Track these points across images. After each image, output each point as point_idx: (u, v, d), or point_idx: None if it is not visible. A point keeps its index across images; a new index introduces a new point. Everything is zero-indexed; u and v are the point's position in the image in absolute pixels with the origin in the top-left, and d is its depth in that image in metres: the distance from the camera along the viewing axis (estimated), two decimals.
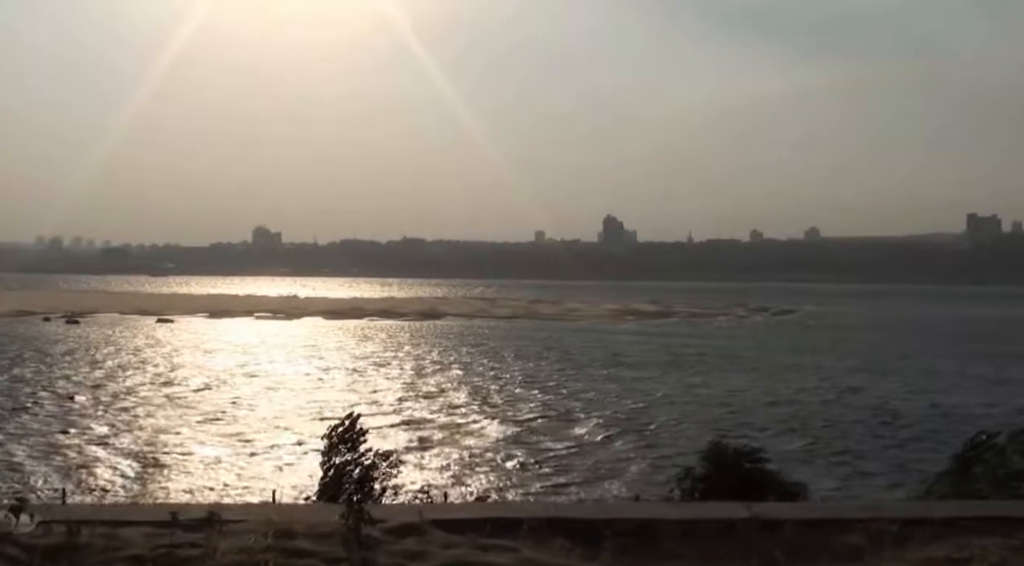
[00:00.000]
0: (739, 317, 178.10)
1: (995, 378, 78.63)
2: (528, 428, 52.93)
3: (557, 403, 62.26)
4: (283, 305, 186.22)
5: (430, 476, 38.52)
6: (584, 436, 50.74)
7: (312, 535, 9.00)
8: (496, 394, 65.89)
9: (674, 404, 62.47)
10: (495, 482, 39.89)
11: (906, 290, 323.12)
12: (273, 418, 54.91)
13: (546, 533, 9.33)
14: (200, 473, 40.97)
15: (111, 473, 40.39)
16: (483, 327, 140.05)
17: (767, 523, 9.91)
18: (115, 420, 53.40)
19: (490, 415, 57.02)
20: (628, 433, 51.62)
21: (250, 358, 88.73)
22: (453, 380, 73.70)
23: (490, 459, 44.72)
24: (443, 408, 59.63)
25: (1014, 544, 9.57)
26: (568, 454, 46.11)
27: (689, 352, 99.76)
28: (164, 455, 44.18)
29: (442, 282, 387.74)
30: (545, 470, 42.63)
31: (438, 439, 49.28)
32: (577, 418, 56.26)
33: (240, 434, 49.88)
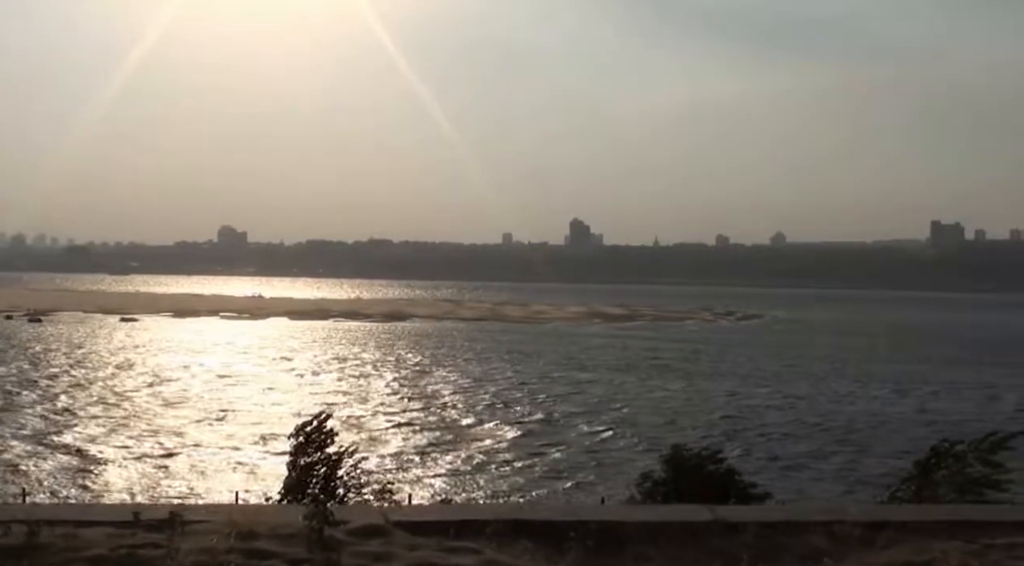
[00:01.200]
0: (705, 321, 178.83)
1: (959, 384, 79.33)
2: (493, 431, 52.96)
3: (520, 406, 62.32)
4: (248, 305, 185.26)
5: (395, 477, 38.41)
6: (548, 439, 50.79)
7: (275, 536, 8.93)
8: (460, 397, 65.87)
9: (637, 408, 62.61)
10: (460, 484, 39.90)
11: (870, 296, 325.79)
12: (236, 418, 54.65)
13: (511, 535, 9.31)
14: (163, 472, 40.69)
15: (69, 472, 40.04)
16: (449, 329, 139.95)
17: (730, 526, 9.93)
18: (76, 419, 52.96)
19: (455, 418, 57.01)
20: (591, 436, 51.70)
21: (214, 358, 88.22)
22: (417, 382, 73.60)
23: (455, 461, 44.72)
24: (407, 410, 59.56)
25: (975, 548, 9.63)
26: (532, 456, 46.15)
27: (654, 356, 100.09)
28: (126, 454, 43.84)
29: (409, 283, 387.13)
30: (509, 472, 42.67)
31: (404, 441, 49.22)
32: (541, 419, 56.32)
33: (204, 433, 49.62)
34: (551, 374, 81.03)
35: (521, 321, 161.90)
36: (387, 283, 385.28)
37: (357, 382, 73.15)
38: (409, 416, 57.27)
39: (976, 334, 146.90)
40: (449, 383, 73.01)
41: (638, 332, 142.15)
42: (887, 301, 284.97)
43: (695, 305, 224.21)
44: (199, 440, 48.07)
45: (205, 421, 53.72)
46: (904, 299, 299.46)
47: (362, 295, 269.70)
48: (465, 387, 70.82)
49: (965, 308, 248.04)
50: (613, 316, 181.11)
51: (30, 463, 42.17)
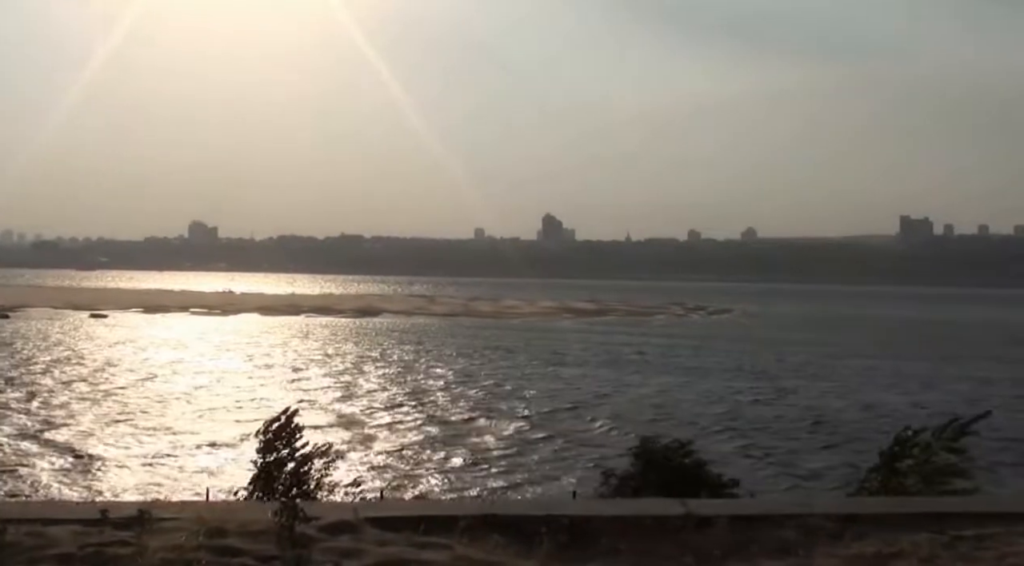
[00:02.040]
0: (676, 316, 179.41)
1: (928, 378, 79.91)
2: (463, 426, 52.92)
3: (491, 401, 62.28)
4: (219, 301, 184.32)
5: (366, 473, 38.32)
6: (519, 434, 50.79)
7: (244, 533, 8.88)
8: (431, 392, 65.81)
9: (607, 402, 62.72)
10: (431, 479, 39.83)
11: (840, 291, 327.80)
12: (207, 414, 54.34)
13: (482, 530, 9.30)
14: (132, 470, 40.42)
15: (36, 470, 39.71)
16: (420, 325, 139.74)
17: (701, 519, 9.96)
18: (43, 415, 52.51)
19: (425, 413, 56.90)
20: (563, 431, 51.73)
21: (184, 354, 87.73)
22: (388, 377, 73.45)
23: (427, 457, 44.63)
24: (378, 405, 59.41)
25: (944, 540, 9.70)
26: (504, 452, 46.14)
27: (624, 351, 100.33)
28: (94, 451, 43.51)
29: (380, 279, 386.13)
30: (481, 467, 42.64)
31: (374, 436, 49.09)
32: (511, 415, 56.29)
33: (173, 430, 49.29)
34: (522, 369, 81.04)
35: (492, 317, 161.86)
36: (358, 279, 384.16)
37: (328, 378, 72.87)
38: (380, 412, 57.12)
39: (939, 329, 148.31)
40: (420, 379, 72.88)
41: (609, 327, 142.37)
42: (856, 296, 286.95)
43: (666, 300, 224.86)
44: (169, 437, 47.75)
45: (174, 417, 53.37)
46: (873, 294, 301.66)
47: (333, 291, 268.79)
48: (436, 383, 70.71)
49: (933, 302, 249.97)
50: (584, 311, 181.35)
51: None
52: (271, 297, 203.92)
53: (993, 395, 68.05)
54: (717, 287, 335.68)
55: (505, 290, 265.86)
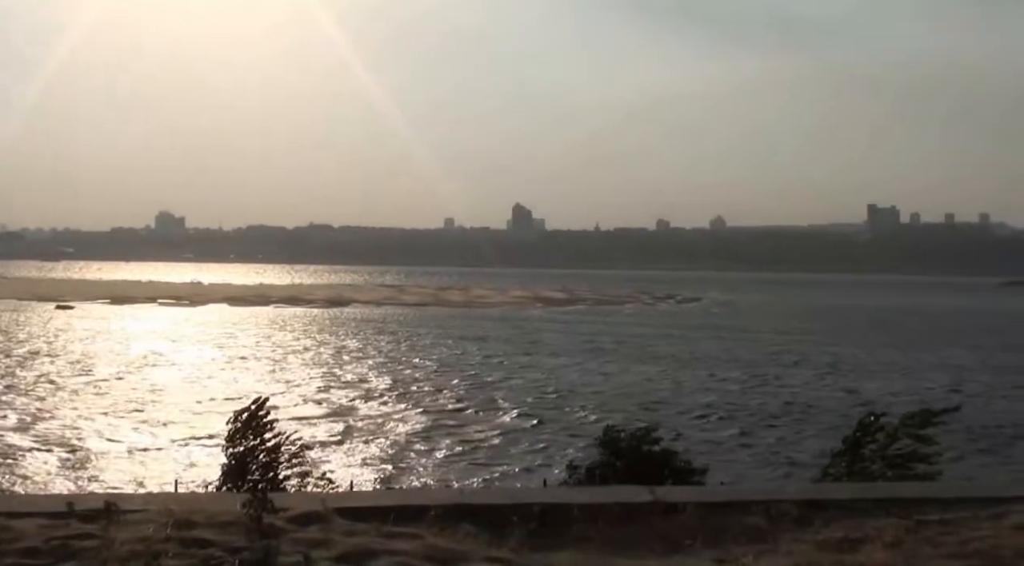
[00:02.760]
0: (646, 304, 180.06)
1: (895, 365, 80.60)
2: (434, 416, 52.86)
3: (463, 390, 62.30)
4: (187, 291, 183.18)
5: (337, 463, 38.27)
6: (490, 424, 50.84)
7: (212, 524, 8.84)
8: (402, 383, 65.69)
9: (578, 391, 62.86)
10: (402, 470, 39.83)
11: (809, 279, 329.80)
12: (177, 405, 54.02)
13: (452, 519, 9.31)
14: (100, 463, 40.15)
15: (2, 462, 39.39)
16: (390, 314, 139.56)
17: (669, 506, 10.02)
18: (6, 407, 52.08)
19: (397, 404, 56.84)
20: (535, 419, 51.82)
21: (153, 345, 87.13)
22: (359, 368, 73.29)
23: (398, 447, 44.61)
24: (349, 396, 59.29)
25: (909, 525, 9.79)
26: (475, 442, 46.16)
27: (592, 339, 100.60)
28: (62, 443, 43.20)
29: (350, 269, 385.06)
30: (451, 456, 42.66)
31: (345, 427, 48.98)
32: (484, 405, 56.33)
33: (143, 421, 49.01)
34: (492, 358, 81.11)
35: (463, 306, 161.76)
36: (328, 269, 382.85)
37: (299, 368, 72.67)
38: (352, 403, 57.01)
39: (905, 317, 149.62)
40: (391, 370, 72.77)
41: (579, 316, 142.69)
42: (823, 284, 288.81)
43: (635, 289, 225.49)
44: (138, 428, 47.49)
45: (143, 408, 53.06)
46: (840, 282, 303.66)
47: (303, 281, 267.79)
48: (407, 373, 70.62)
49: (900, 290, 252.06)
50: (554, 300, 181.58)
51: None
52: (239, 287, 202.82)
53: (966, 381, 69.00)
54: (686, 276, 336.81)
55: (475, 279, 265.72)
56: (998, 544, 9.20)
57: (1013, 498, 10.86)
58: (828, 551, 9.06)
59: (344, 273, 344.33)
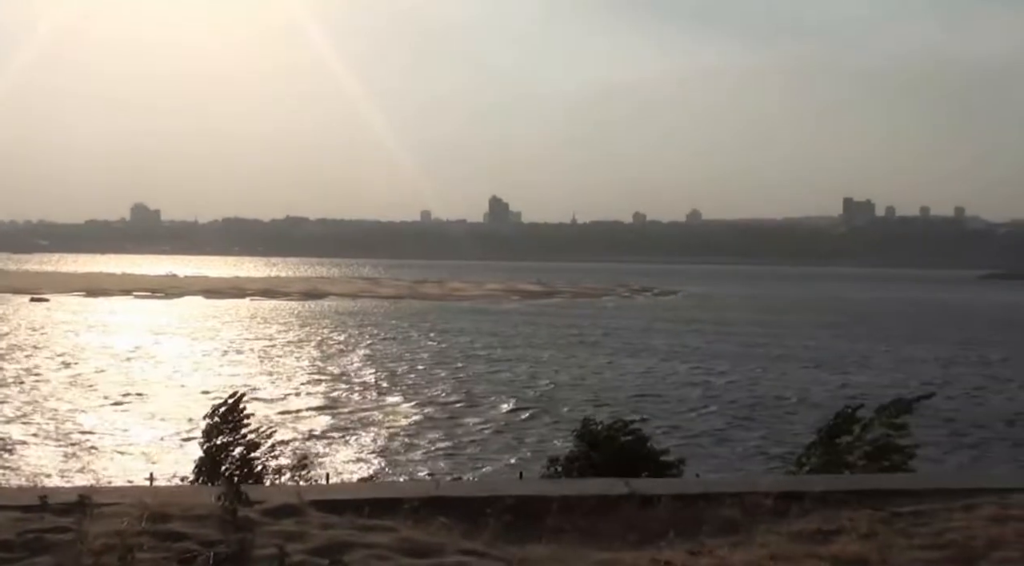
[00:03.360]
0: (622, 297, 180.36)
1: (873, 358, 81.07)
2: (412, 409, 52.85)
3: (441, 384, 62.29)
4: (162, 284, 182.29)
5: (314, 457, 38.10)
6: (470, 417, 50.84)
7: (187, 518, 8.82)
8: (379, 376, 65.61)
9: (557, 384, 62.92)
10: (380, 463, 39.80)
11: (783, 272, 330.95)
12: (154, 398, 53.80)
13: (427, 512, 9.31)
14: (75, 455, 39.95)
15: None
16: (367, 307, 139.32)
17: (645, 498, 10.05)
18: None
19: (375, 397, 56.79)
20: (513, 413, 51.88)
21: (129, 337, 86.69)
22: (337, 362, 73.17)
23: (376, 440, 44.59)
24: (326, 389, 59.21)
25: (883, 516, 9.87)
26: (452, 434, 46.16)
27: (571, 332, 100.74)
28: (36, 436, 42.96)
29: (326, 261, 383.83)
30: (429, 450, 42.65)
31: (321, 420, 48.93)
32: (463, 398, 56.34)
33: (120, 414, 48.80)
34: (472, 351, 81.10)
35: (439, 299, 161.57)
36: (304, 261, 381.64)
37: (276, 361, 72.48)
38: (329, 395, 56.93)
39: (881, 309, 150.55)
40: (369, 362, 72.70)
41: (556, 309, 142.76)
42: (799, 277, 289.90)
43: (612, 282, 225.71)
44: (115, 421, 47.27)
45: (121, 402, 52.84)
46: (816, 275, 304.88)
47: (279, 273, 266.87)
48: (385, 366, 70.52)
49: (875, 283, 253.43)
50: (531, 293, 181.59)
51: None
52: (215, 280, 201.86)
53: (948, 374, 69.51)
54: (663, 269, 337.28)
55: (452, 272, 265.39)
56: (971, 535, 9.28)
57: (985, 490, 10.98)
58: (802, 542, 9.11)
59: (320, 266, 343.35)
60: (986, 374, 70.87)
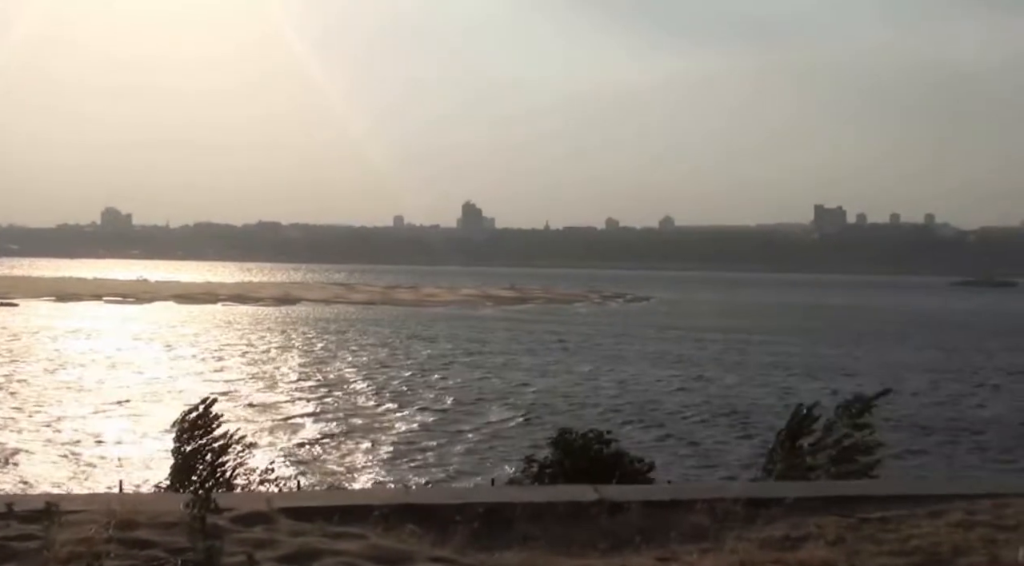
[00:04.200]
0: (595, 303, 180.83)
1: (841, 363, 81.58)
2: (383, 416, 52.78)
3: (415, 390, 62.24)
4: (133, 289, 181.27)
5: (284, 464, 38.06)
6: (442, 424, 50.78)
7: (156, 525, 8.76)
8: (352, 382, 65.52)
9: (532, 391, 62.97)
10: (349, 469, 39.70)
11: (754, 278, 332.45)
12: (125, 404, 53.48)
13: (397, 519, 9.29)
14: (44, 462, 39.65)
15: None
16: (340, 313, 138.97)
17: (615, 505, 10.07)
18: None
19: (346, 403, 56.69)
20: (485, 420, 51.88)
21: (99, 342, 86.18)
22: (309, 367, 72.96)
23: (348, 447, 44.48)
24: (298, 396, 59.07)
25: (851, 522, 9.93)
26: (425, 442, 46.10)
27: (546, 337, 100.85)
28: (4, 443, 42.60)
29: (299, 266, 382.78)
30: (401, 457, 42.59)
31: (294, 426, 48.77)
32: (434, 405, 56.27)
33: (86, 420, 48.44)
34: (445, 357, 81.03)
35: (412, 305, 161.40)
36: (277, 267, 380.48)
37: (246, 367, 72.18)
38: (301, 401, 56.77)
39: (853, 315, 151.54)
40: (341, 368, 72.52)
41: (529, 315, 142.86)
42: (771, 283, 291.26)
43: (585, 288, 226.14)
44: (81, 427, 46.92)
45: (91, 407, 52.50)
46: (788, 281, 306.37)
47: (251, 278, 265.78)
48: (357, 372, 70.39)
49: (846, 289, 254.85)
50: (505, 299, 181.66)
51: None
52: (187, 285, 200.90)
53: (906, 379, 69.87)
54: (635, 275, 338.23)
55: (425, 278, 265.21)
56: (937, 541, 9.35)
57: (952, 495, 11.05)
58: (771, 549, 9.15)
59: (293, 271, 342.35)
60: (957, 380, 71.44)
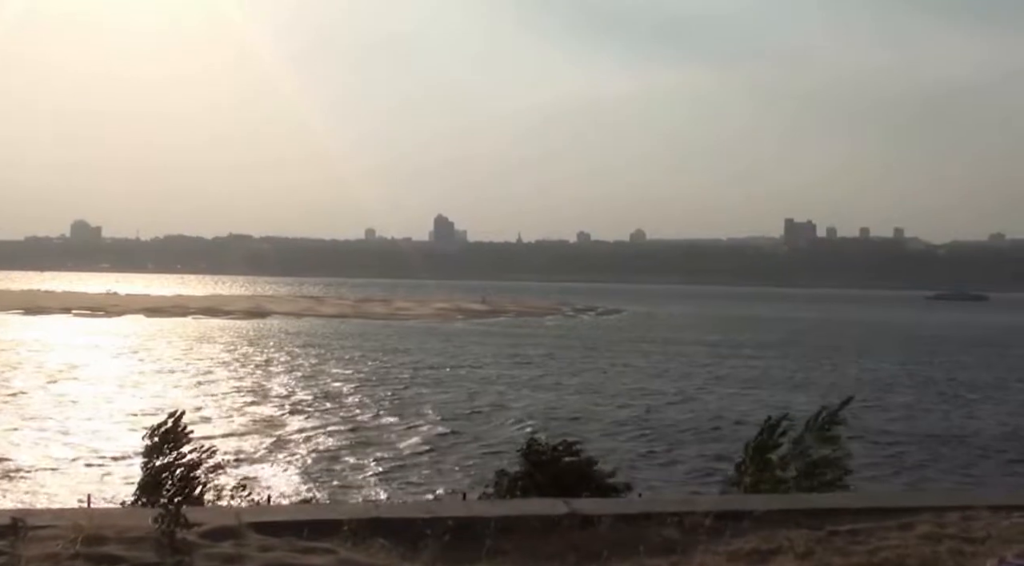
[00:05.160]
0: (567, 316, 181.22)
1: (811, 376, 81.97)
2: (356, 430, 52.57)
3: (387, 404, 62.07)
4: (103, 302, 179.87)
5: (255, 478, 37.83)
6: (414, 438, 50.66)
7: (123, 540, 8.71)
8: (324, 396, 65.24)
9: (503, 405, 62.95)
10: (322, 484, 39.52)
11: (727, 292, 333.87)
12: (91, 418, 53.06)
13: (366, 533, 9.27)
14: (9, 477, 39.25)
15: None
16: (310, 326, 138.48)
17: (586, 518, 10.08)
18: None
19: (319, 417, 56.45)
20: (459, 433, 51.77)
21: (69, 355, 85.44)
22: (281, 381, 72.65)
23: (320, 461, 44.29)
24: (271, 409, 58.79)
25: (820, 535, 9.97)
26: (398, 456, 45.98)
27: (516, 352, 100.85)
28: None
29: (271, 279, 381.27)
30: (373, 471, 42.46)
31: (266, 441, 48.50)
32: (408, 419, 56.14)
33: (55, 435, 48.01)
34: (417, 370, 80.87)
35: (384, 318, 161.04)
36: (248, 279, 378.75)
37: (221, 381, 71.75)
38: (273, 416, 56.49)
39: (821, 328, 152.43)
40: (313, 382, 72.21)
41: (502, 328, 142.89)
42: (741, 297, 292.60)
43: (557, 301, 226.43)
44: (49, 442, 46.50)
45: (55, 422, 52.02)
46: (758, 295, 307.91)
47: (222, 291, 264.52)
48: (330, 386, 70.09)
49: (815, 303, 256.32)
50: (477, 312, 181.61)
51: None
52: (157, 298, 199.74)
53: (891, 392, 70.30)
54: (607, 288, 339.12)
55: (397, 291, 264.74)
56: (905, 553, 9.41)
57: (921, 507, 11.12)
58: (740, 562, 9.19)
59: (265, 284, 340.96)
60: (930, 392, 72.05)
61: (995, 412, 62.34)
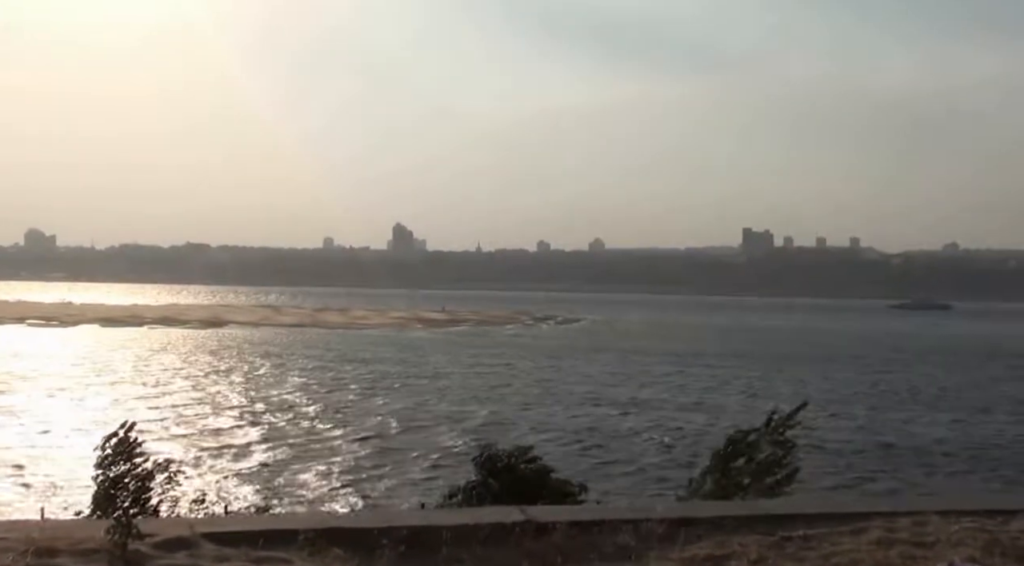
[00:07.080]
0: (526, 325, 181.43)
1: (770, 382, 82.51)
2: (312, 440, 52.36)
3: (343, 413, 61.93)
4: (57, 312, 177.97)
5: (211, 489, 37.49)
6: (371, 448, 50.55)
7: (76, 552, 8.65)
8: (280, 406, 64.97)
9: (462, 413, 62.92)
10: (279, 493, 39.29)
11: (685, 301, 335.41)
12: (42, 430, 52.47)
13: (322, 543, 9.25)
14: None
15: None
16: (268, 336, 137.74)
17: (541, 526, 10.11)
18: None
19: (274, 427, 56.20)
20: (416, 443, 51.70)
21: (22, 365, 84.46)
22: (238, 391, 72.24)
23: (276, 471, 44.10)
24: (227, 420, 58.47)
25: (773, 541, 10.05)
26: (353, 466, 45.84)
27: (476, 361, 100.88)
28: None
29: (228, 289, 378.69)
30: (330, 480, 42.32)
31: (221, 451, 48.20)
32: (366, 430, 55.99)
33: (13, 447, 47.46)
34: (374, 381, 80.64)
35: (342, 327, 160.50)
36: (206, 289, 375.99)
37: (174, 391, 71.19)
38: (229, 426, 56.17)
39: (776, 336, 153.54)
40: (269, 392, 71.82)
41: (461, 337, 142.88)
42: (699, 306, 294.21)
43: (516, 310, 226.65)
44: (8, 453, 45.96)
45: (16, 433, 51.46)
46: (716, 304, 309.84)
47: (179, 301, 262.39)
48: (286, 396, 69.75)
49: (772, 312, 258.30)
50: (435, 321, 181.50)
51: None
52: (112, 308, 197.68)
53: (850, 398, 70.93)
54: (565, 297, 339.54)
55: (355, 300, 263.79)
56: (857, 559, 9.51)
57: (873, 513, 11.24)
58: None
59: (222, 293, 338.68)
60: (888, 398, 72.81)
61: (947, 420, 63.18)
